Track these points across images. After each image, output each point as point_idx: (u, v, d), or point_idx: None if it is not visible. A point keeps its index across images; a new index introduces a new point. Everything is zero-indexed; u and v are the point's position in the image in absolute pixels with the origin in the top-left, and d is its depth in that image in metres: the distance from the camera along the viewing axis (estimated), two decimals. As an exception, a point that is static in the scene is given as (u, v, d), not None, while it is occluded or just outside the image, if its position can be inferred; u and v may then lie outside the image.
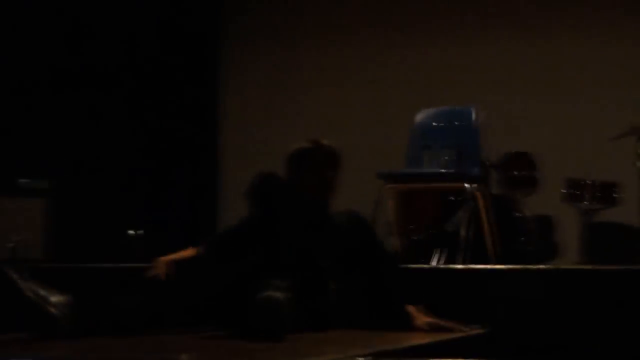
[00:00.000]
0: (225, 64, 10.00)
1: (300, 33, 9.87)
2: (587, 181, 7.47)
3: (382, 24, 9.54)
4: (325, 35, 9.72)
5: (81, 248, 7.27)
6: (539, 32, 9.16)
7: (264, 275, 4.10)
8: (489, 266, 6.13)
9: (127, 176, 8.69)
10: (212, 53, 10.03)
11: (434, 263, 6.71)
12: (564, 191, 7.51)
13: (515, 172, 7.53)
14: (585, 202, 7.45)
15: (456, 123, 7.36)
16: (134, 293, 4.46)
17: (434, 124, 7.39)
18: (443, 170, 6.90)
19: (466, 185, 6.78)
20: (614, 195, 7.47)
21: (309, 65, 9.69)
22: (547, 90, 8.80)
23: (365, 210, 5.83)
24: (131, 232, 7.53)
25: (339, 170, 4.98)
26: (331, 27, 9.72)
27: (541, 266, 6.44)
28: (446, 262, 6.58)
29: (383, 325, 4.58)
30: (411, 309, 4.69)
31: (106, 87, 9.08)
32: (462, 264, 6.34)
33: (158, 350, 3.52)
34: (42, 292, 4.03)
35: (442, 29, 9.31)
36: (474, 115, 7.27)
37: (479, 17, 9.28)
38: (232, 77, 9.96)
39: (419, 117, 7.41)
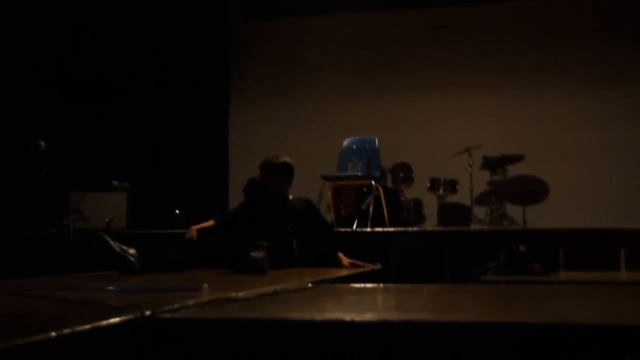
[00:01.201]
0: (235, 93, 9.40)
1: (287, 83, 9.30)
2: (441, 178, 7.50)
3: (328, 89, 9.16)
4: (303, 88, 9.19)
5: (147, 222, 7.20)
6: (415, 88, 8.86)
7: (253, 238, 4.11)
8: (384, 229, 6.16)
9: (173, 175, 8.56)
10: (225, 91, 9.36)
11: (354, 228, 6.73)
12: (428, 185, 7.53)
13: (401, 174, 7.60)
14: (440, 191, 7.49)
15: (366, 146, 7.37)
16: (177, 247, 4.48)
17: (353, 146, 7.39)
18: (359, 174, 6.92)
19: (372, 182, 6.81)
20: (456, 187, 7.51)
21: (289, 108, 9.16)
22: (418, 127, 8.71)
23: (314, 198, 5.89)
24: (175, 211, 7.48)
25: (292, 176, 4.97)
26: (300, 91, 9.25)
27: (415, 228, 6.51)
28: (360, 227, 6.60)
29: (324, 265, 4.61)
30: (340, 254, 4.74)
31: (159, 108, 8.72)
32: (370, 228, 6.36)
33: (190, 280, 3.54)
34: (123, 247, 4.04)
35: (362, 91, 9.06)
36: (376, 142, 7.31)
37: (383, 83, 8.95)
38: (240, 95, 9.33)
39: (345, 142, 7.43)
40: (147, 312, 2.00)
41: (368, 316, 1.95)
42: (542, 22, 8.58)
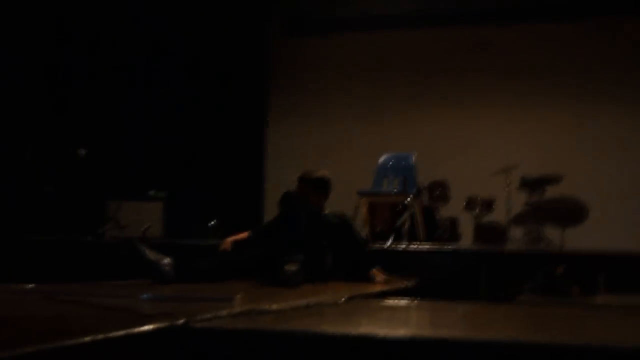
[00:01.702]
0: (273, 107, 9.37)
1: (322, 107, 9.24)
2: (478, 198, 7.43)
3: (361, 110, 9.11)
4: (341, 103, 9.10)
5: (183, 231, 7.25)
6: (453, 105, 8.77)
7: (287, 251, 4.12)
8: (419, 246, 6.12)
9: (209, 186, 8.60)
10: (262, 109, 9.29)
11: (388, 244, 6.71)
12: (465, 203, 7.47)
13: (437, 192, 7.54)
14: (476, 210, 7.42)
15: (403, 162, 7.36)
16: (212, 258, 4.50)
17: (390, 162, 7.40)
18: (395, 190, 6.91)
19: (407, 199, 6.78)
20: (492, 206, 7.43)
21: (327, 123, 9.10)
22: (456, 145, 8.65)
23: (350, 213, 5.89)
24: (211, 222, 7.52)
25: (329, 190, 4.99)
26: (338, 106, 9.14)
27: (450, 246, 6.45)
28: (395, 244, 6.57)
29: (357, 281, 4.60)
30: (374, 270, 4.72)
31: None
32: (405, 244, 6.33)
33: (223, 291, 3.55)
34: (158, 256, 4.07)
35: (399, 108, 9.04)
36: (412, 159, 7.30)
37: (422, 99, 8.88)
38: (278, 108, 9.27)
39: (381, 159, 7.43)
40: (180, 321, 2.02)
41: (401, 332, 1.94)
42: (584, 43, 8.49)
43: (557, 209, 7.39)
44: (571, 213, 7.26)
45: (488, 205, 7.34)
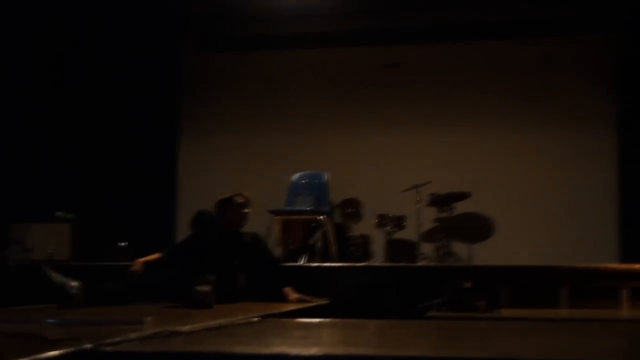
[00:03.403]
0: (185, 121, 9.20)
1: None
2: (389, 215, 7.53)
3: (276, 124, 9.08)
4: (255, 121, 9.01)
5: (92, 253, 7.05)
6: (365, 124, 8.79)
7: (199, 271, 4.08)
8: (332, 264, 6.16)
9: (119, 207, 8.40)
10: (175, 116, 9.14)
11: (301, 262, 6.72)
12: (376, 221, 7.55)
13: (349, 210, 7.63)
14: (387, 227, 7.51)
15: (315, 181, 7.41)
16: (122, 280, 4.41)
17: (303, 181, 7.43)
18: (308, 208, 6.94)
19: (320, 217, 6.83)
20: (403, 223, 7.54)
21: (240, 142, 9.02)
22: (368, 163, 8.72)
23: (262, 232, 5.88)
24: (122, 243, 7.36)
25: (248, 210, 5.01)
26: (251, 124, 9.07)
27: (362, 264, 6.53)
28: (308, 262, 6.60)
29: (270, 300, 4.59)
30: (287, 289, 4.72)
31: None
32: (317, 262, 6.36)
33: (133, 313, 3.48)
34: (65, 279, 3.97)
35: (312, 127, 9.06)
36: (325, 177, 7.36)
37: (335, 118, 8.89)
38: (191, 127, 9.14)
39: (294, 177, 7.46)
40: (88, 345, 1.97)
41: (313, 350, 1.95)
42: (491, 63, 8.75)
43: (465, 225, 7.59)
44: (478, 229, 7.47)
45: (399, 222, 7.45)
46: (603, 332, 3.15)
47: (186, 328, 2.48)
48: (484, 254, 7.54)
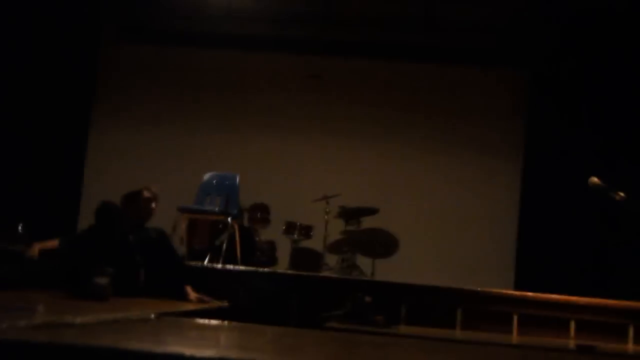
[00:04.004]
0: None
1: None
2: (297, 223, 7.54)
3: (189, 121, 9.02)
4: (170, 117, 8.93)
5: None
6: (282, 131, 8.84)
7: (98, 263, 3.98)
8: (235, 267, 6.13)
9: (19, 189, 8.08)
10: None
11: (206, 262, 6.65)
12: (284, 228, 7.55)
13: (258, 214, 7.61)
14: (294, 235, 7.52)
15: (227, 182, 7.34)
16: (15, 264, 4.26)
17: (214, 181, 7.33)
18: (216, 209, 6.86)
19: (229, 219, 6.77)
20: (310, 233, 7.56)
21: (153, 137, 8.87)
22: (281, 169, 8.74)
23: (168, 229, 5.78)
24: (19, 226, 7.06)
25: (154, 205, 4.92)
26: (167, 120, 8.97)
27: (266, 269, 6.52)
28: (211, 263, 6.53)
29: (170, 297, 4.52)
30: (188, 288, 4.66)
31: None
32: (222, 264, 6.31)
33: (25, 300, 3.35)
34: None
35: (228, 128, 9.00)
36: (236, 179, 7.30)
37: (252, 121, 8.88)
38: (103, 117, 8.94)
39: (206, 176, 7.36)
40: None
41: (208, 352, 1.92)
42: (410, 84, 8.92)
43: (371, 239, 7.67)
44: (383, 245, 7.56)
45: (306, 231, 7.49)
46: (495, 355, 3.24)
47: (79, 319, 2.41)
48: (386, 269, 7.64)
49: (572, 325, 5.04)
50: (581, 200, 7.09)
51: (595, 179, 5.36)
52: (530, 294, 5.44)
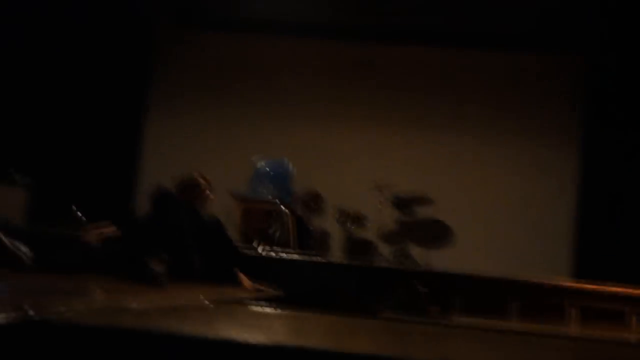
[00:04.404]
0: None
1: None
2: (350, 212, 7.53)
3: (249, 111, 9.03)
4: (226, 105, 8.95)
5: (47, 221, 6.91)
6: (337, 119, 8.82)
7: (155, 249, 4.02)
8: (290, 256, 6.14)
9: (79, 176, 8.24)
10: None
11: (259, 251, 6.68)
12: (337, 216, 7.54)
13: (311, 203, 7.60)
14: (348, 224, 7.51)
15: (280, 170, 7.36)
16: (75, 249, 4.33)
17: (267, 169, 7.38)
18: (270, 196, 6.90)
19: (282, 207, 6.79)
20: (364, 222, 7.53)
21: (209, 124, 8.94)
22: (334, 159, 8.71)
23: (223, 216, 5.82)
24: (77, 213, 7.21)
25: (209, 193, 4.95)
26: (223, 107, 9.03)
27: (319, 258, 6.52)
28: (266, 251, 6.56)
29: (225, 285, 4.56)
30: (242, 275, 4.69)
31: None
32: (276, 252, 6.33)
33: (83, 284, 3.42)
34: (15, 243, 3.87)
35: (283, 116, 9.03)
36: (290, 166, 7.32)
37: (305, 109, 8.89)
38: (160, 103, 9.00)
39: (259, 164, 7.40)
40: (30, 313, 1.92)
41: (261, 339, 1.93)
42: (461, 71, 8.81)
43: (425, 229, 7.62)
44: (437, 235, 7.50)
45: (359, 220, 7.46)
46: (550, 347, 3.19)
47: (136, 305, 2.45)
48: (440, 260, 7.58)
49: (633, 317, 4.92)
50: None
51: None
52: (588, 285, 5.33)
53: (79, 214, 7.12)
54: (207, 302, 3.05)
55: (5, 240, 3.84)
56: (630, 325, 4.87)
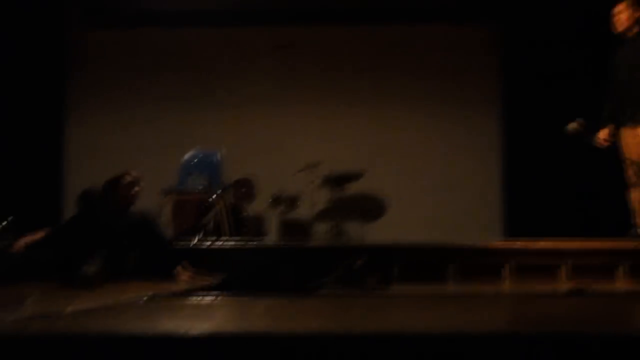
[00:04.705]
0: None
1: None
2: (283, 195, 7.54)
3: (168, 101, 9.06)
4: (146, 100, 8.73)
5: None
6: (260, 103, 8.71)
7: (87, 251, 3.95)
8: (224, 244, 6.11)
9: (2, 183, 8.02)
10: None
11: (194, 242, 6.62)
12: (270, 201, 7.54)
13: (242, 189, 7.57)
14: (281, 207, 7.53)
15: (208, 160, 7.29)
16: (3, 260, 4.23)
17: (195, 160, 7.29)
18: (200, 188, 6.84)
19: (213, 197, 6.74)
20: (297, 203, 7.56)
21: (130, 120, 8.67)
22: (262, 143, 8.71)
23: (153, 211, 5.74)
24: (4, 221, 7.01)
25: (137, 189, 4.88)
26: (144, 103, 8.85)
27: (255, 243, 6.51)
28: (200, 242, 6.51)
29: (161, 279, 4.51)
30: (178, 268, 4.65)
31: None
32: (209, 243, 6.28)
33: (14, 293, 3.33)
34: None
35: (206, 105, 8.96)
36: (218, 156, 7.26)
37: (229, 97, 8.84)
38: (79, 103, 8.72)
39: (186, 156, 7.31)
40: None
41: (201, 328, 1.92)
42: (381, 46, 8.88)
43: (358, 204, 7.70)
44: (371, 208, 7.59)
45: (293, 202, 7.48)
46: (486, 306, 3.27)
47: (69, 309, 2.40)
48: (376, 232, 7.67)
49: (563, 269, 5.08)
50: (562, 147, 7.11)
51: (573, 125, 5.38)
52: (518, 243, 5.47)
53: (5, 224, 6.92)
54: (144, 298, 3.01)
55: None
56: (560, 277, 5.03)
